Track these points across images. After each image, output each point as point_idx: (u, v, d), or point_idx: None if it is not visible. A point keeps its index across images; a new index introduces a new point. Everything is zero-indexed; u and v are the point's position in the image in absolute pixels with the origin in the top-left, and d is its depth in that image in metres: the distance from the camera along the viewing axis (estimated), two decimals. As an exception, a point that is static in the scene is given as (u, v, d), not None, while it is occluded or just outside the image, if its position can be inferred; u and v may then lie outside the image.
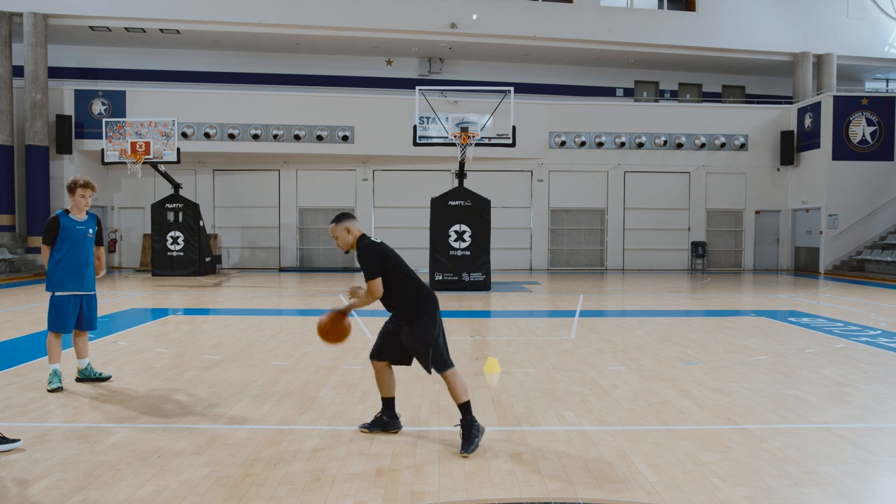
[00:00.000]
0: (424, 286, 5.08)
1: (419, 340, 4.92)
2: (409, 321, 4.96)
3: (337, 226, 5.08)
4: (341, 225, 5.07)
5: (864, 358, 8.14)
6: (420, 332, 4.92)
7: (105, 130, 20.38)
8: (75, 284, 6.52)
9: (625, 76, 27.57)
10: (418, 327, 4.93)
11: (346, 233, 5.06)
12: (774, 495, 4.01)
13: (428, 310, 4.98)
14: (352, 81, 26.17)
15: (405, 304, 4.98)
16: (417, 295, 5.00)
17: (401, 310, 5.01)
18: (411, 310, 4.97)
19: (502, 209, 23.82)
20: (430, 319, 4.96)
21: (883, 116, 23.09)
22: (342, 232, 5.06)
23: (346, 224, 5.08)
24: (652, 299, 15.02)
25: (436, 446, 4.86)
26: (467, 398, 4.88)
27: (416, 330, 4.93)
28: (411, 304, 4.97)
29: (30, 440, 4.91)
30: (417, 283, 5.05)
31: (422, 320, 4.93)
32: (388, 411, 5.20)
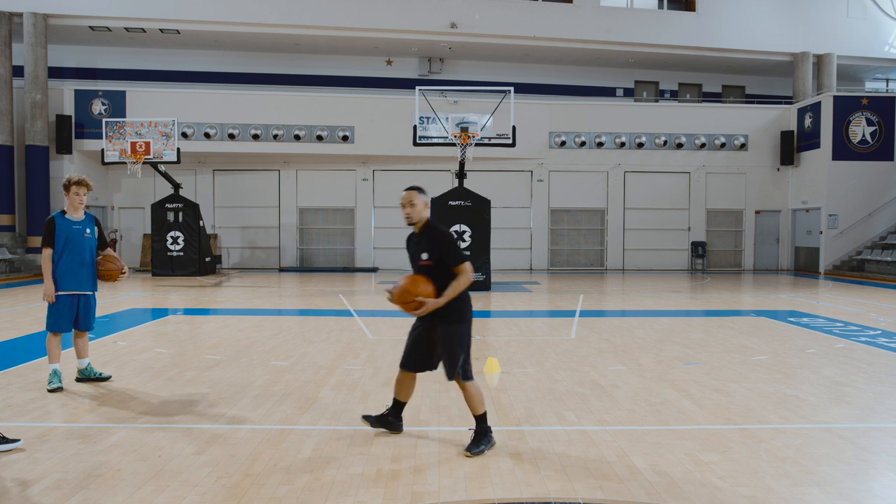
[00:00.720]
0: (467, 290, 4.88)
1: (455, 344, 4.73)
2: (446, 322, 4.75)
3: (419, 195, 4.82)
4: (423, 197, 4.83)
5: (864, 358, 8.14)
6: (459, 336, 4.75)
7: (105, 130, 20.37)
8: (73, 284, 6.51)
9: (625, 76, 27.57)
10: (457, 330, 4.75)
11: (423, 206, 4.83)
12: (774, 495, 4.01)
13: (468, 314, 4.83)
14: (352, 81, 26.17)
15: (457, 304, 4.76)
16: (466, 296, 4.83)
17: (448, 306, 4.73)
18: (454, 310, 4.75)
19: (502, 209, 23.81)
20: (468, 325, 4.82)
21: (883, 116, 23.09)
22: (422, 204, 4.82)
23: (425, 198, 4.85)
24: (652, 299, 15.02)
25: (436, 446, 4.86)
26: (484, 410, 4.80)
27: (454, 332, 4.74)
28: (456, 304, 4.76)
29: (30, 440, 4.91)
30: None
31: (462, 325, 4.77)
32: (396, 413, 5.13)
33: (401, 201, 4.88)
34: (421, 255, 4.83)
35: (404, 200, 4.84)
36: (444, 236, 4.79)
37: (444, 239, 4.77)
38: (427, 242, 4.82)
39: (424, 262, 4.80)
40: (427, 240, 4.83)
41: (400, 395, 5.09)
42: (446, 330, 4.77)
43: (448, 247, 4.75)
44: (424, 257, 4.80)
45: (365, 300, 14.77)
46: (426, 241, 4.83)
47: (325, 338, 9.49)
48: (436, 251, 4.77)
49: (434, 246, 4.78)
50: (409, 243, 5.06)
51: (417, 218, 4.85)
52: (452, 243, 4.76)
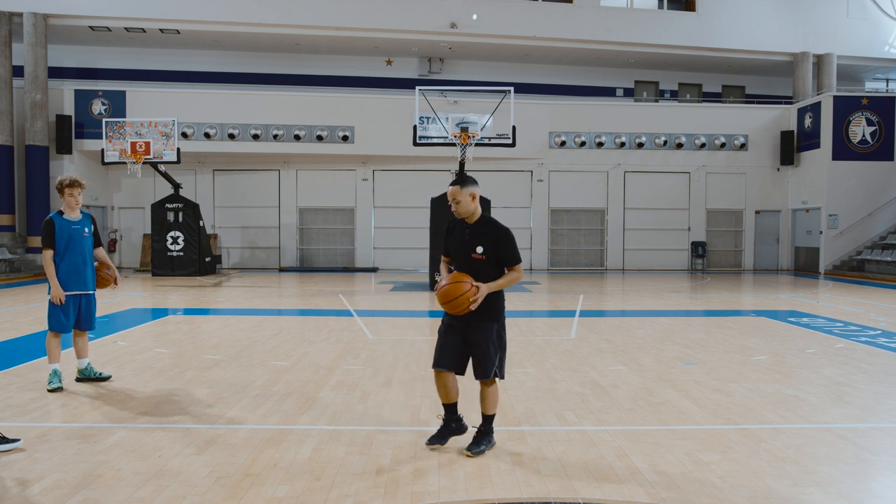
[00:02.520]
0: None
1: (494, 343, 4.61)
2: (487, 321, 4.61)
3: (462, 189, 4.60)
4: (468, 189, 4.60)
5: (864, 358, 8.14)
6: (497, 335, 4.65)
7: (105, 130, 20.37)
8: (74, 284, 6.52)
9: (625, 76, 27.57)
10: (496, 330, 4.63)
11: (471, 199, 4.62)
12: (774, 495, 4.01)
13: (501, 315, 4.72)
14: (352, 81, 26.17)
15: (495, 300, 4.64)
16: (500, 297, 4.70)
17: (487, 304, 4.58)
18: (494, 309, 4.65)
19: (502, 209, 23.79)
20: (501, 325, 4.71)
21: (883, 116, 23.09)
22: (467, 197, 4.60)
23: (472, 189, 4.62)
24: (652, 299, 15.02)
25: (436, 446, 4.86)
26: (494, 412, 4.78)
27: (493, 332, 4.63)
28: (498, 302, 4.66)
29: (30, 440, 4.91)
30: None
31: (497, 324, 4.67)
32: (453, 416, 4.85)
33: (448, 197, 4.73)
34: (475, 247, 4.61)
35: (449, 197, 4.69)
36: (504, 234, 4.63)
37: (505, 237, 4.62)
38: (483, 236, 4.63)
39: (478, 255, 4.60)
40: (483, 234, 4.63)
41: (446, 399, 4.80)
42: (485, 328, 4.61)
43: (507, 246, 4.60)
44: (479, 251, 4.59)
45: (365, 300, 14.77)
46: (482, 235, 4.63)
47: (325, 338, 9.49)
48: (492, 247, 4.60)
49: (491, 241, 4.60)
50: (454, 231, 4.82)
51: (466, 212, 4.68)
52: (512, 243, 4.63)
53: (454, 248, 4.79)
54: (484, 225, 4.67)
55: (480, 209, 4.74)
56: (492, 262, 4.62)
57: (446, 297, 4.52)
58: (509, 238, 4.63)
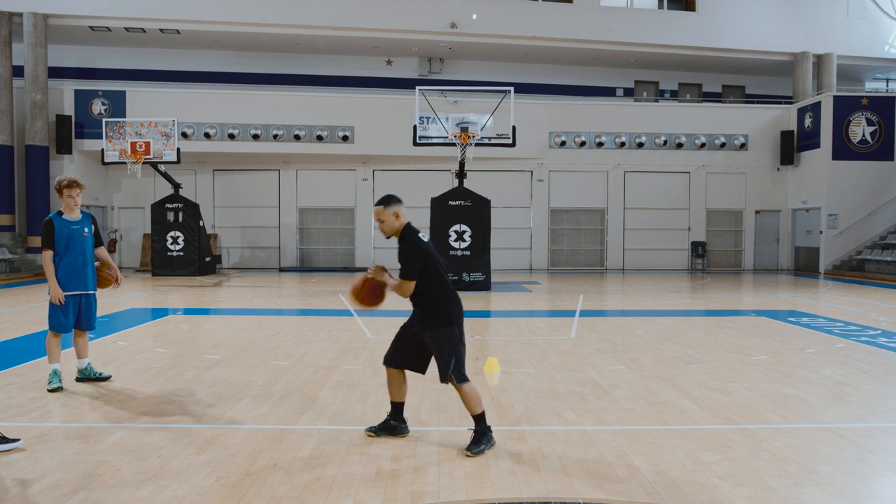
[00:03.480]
0: (455, 292, 4.89)
1: (443, 347, 4.76)
2: (433, 326, 4.78)
3: (386, 209, 4.78)
4: (391, 209, 4.78)
5: (864, 358, 8.14)
6: (446, 339, 4.76)
7: (105, 130, 20.37)
8: (75, 284, 6.52)
9: (625, 76, 27.57)
10: (444, 334, 4.77)
11: (394, 218, 4.78)
12: (774, 495, 4.01)
13: (454, 317, 4.83)
14: (351, 81, 26.17)
15: (435, 308, 4.80)
16: (449, 300, 4.83)
17: (428, 312, 4.81)
18: (439, 315, 4.79)
19: (502, 209, 23.81)
20: (456, 328, 4.82)
21: (883, 116, 23.09)
22: (390, 216, 4.78)
23: (396, 208, 4.80)
24: (652, 299, 15.02)
25: (436, 446, 4.86)
26: (482, 409, 4.80)
27: (442, 337, 4.77)
28: (441, 308, 4.80)
29: (30, 440, 4.91)
30: (450, 287, 4.86)
31: (448, 328, 4.77)
32: (397, 416, 5.08)
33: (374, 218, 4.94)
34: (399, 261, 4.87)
35: (374, 218, 4.91)
36: (406, 249, 4.76)
37: (405, 251, 4.76)
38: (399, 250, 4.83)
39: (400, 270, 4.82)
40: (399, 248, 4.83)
41: (394, 397, 5.06)
42: (434, 335, 4.78)
43: (404, 258, 4.74)
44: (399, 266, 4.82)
45: (365, 300, 14.74)
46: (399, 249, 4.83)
47: (325, 338, 9.49)
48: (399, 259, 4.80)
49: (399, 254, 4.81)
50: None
51: (392, 230, 4.85)
52: (409, 257, 4.72)
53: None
54: (400, 240, 4.85)
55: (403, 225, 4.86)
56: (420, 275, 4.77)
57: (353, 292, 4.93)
58: (407, 252, 4.73)
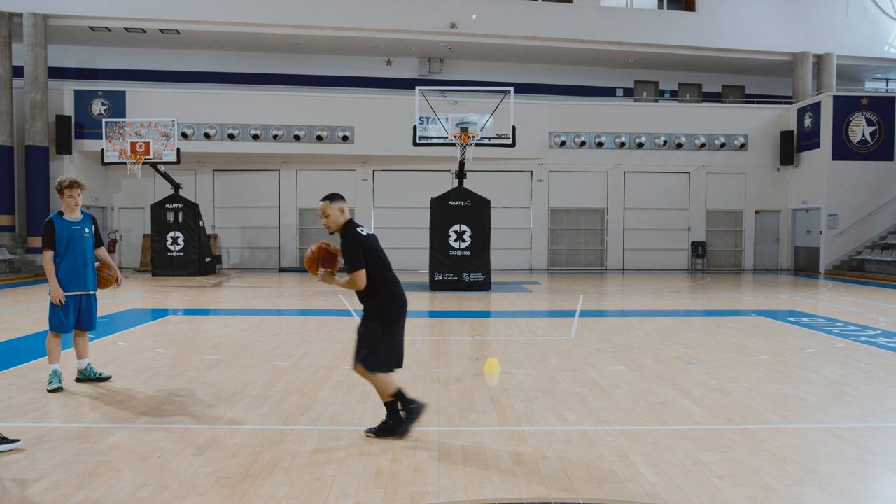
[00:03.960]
0: (394, 290, 5.05)
1: (361, 336, 5.01)
2: (363, 319, 5.05)
3: (332, 203, 5.02)
4: (336, 204, 5.03)
5: (864, 358, 8.14)
6: (367, 331, 4.99)
7: (105, 131, 20.37)
8: (76, 285, 6.52)
9: (625, 76, 27.57)
10: (367, 326, 5.00)
11: (339, 213, 5.03)
12: (774, 495, 4.01)
13: (384, 314, 5.00)
14: (351, 81, 26.17)
15: (368, 302, 5.03)
16: (383, 296, 5.01)
17: (363, 303, 5.07)
18: (370, 307, 5.02)
19: (502, 209, 23.82)
20: (382, 323, 4.99)
21: (883, 116, 23.09)
22: (336, 211, 5.02)
23: (341, 204, 5.06)
24: (652, 299, 15.02)
25: (436, 446, 4.86)
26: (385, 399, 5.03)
27: (364, 327, 5.01)
28: (373, 302, 5.01)
29: (30, 440, 4.91)
30: (389, 283, 5.02)
31: (373, 322, 4.98)
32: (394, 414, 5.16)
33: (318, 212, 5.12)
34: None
35: (319, 212, 5.08)
36: (347, 243, 4.94)
37: (346, 245, 4.94)
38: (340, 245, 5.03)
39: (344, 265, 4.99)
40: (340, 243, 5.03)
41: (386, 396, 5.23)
42: (361, 324, 5.06)
43: (346, 252, 4.93)
44: (341, 260, 5.02)
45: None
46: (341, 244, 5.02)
47: (325, 338, 9.49)
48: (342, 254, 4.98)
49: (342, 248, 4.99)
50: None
51: (335, 225, 5.04)
52: (351, 250, 4.90)
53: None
54: (341, 235, 5.03)
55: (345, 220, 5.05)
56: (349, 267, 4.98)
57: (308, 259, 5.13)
58: (348, 245, 4.93)
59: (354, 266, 4.90)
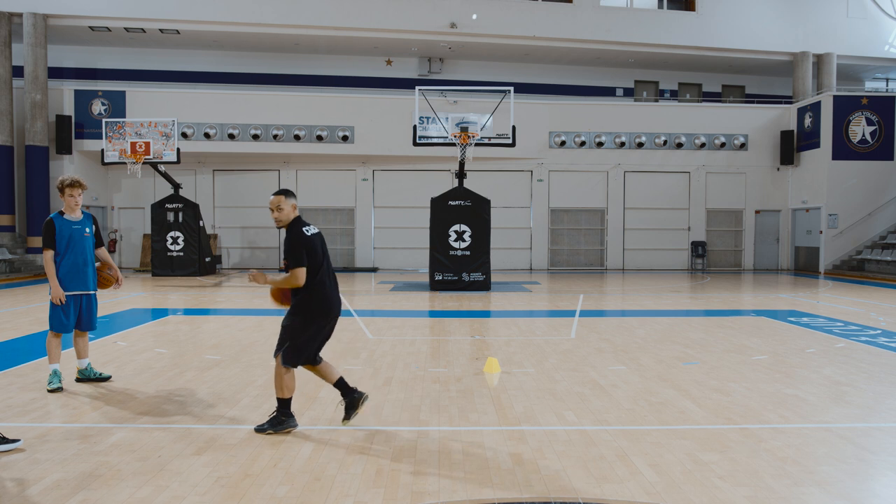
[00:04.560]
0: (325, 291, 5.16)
1: (285, 329, 5.14)
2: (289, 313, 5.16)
3: (286, 199, 5.11)
4: (290, 200, 5.14)
5: (864, 358, 8.14)
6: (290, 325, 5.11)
7: (105, 130, 20.37)
8: (76, 284, 6.52)
9: (625, 76, 27.57)
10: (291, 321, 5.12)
11: (291, 209, 5.14)
12: (774, 495, 4.01)
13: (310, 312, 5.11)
14: (351, 81, 26.17)
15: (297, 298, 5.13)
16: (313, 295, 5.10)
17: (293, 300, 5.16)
18: (297, 303, 5.12)
19: (502, 209, 23.82)
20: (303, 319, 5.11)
21: (883, 116, 23.09)
22: (289, 207, 5.12)
23: (294, 201, 5.18)
24: (652, 299, 15.02)
25: (436, 446, 4.86)
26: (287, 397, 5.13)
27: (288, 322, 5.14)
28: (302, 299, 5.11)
29: (30, 440, 4.91)
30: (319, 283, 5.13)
31: (296, 317, 5.11)
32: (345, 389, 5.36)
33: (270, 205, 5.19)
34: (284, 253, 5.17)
35: (272, 205, 5.15)
36: (292, 240, 5.03)
37: (290, 242, 5.03)
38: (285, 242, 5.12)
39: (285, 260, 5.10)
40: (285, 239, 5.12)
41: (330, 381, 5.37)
42: (286, 317, 5.19)
43: (287, 247, 5.02)
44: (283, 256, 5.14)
45: (365, 300, 14.76)
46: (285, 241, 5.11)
47: (325, 338, 9.48)
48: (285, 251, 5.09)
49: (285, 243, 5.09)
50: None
51: (286, 220, 5.15)
52: (292, 245, 5.00)
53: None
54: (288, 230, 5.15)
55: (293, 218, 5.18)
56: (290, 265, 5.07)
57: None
58: (292, 243, 5.03)
59: (295, 263, 4.99)
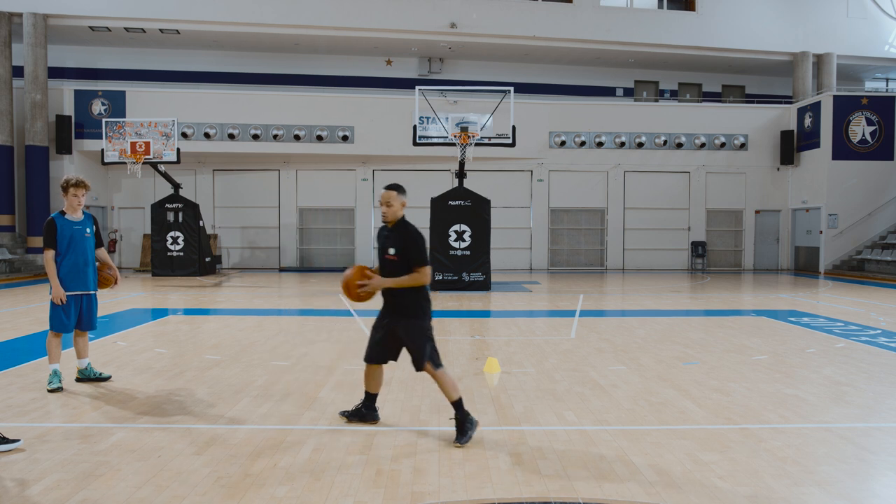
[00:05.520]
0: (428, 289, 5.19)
1: (419, 336, 5.01)
2: (407, 317, 5.04)
3: (398, 195, 5.05)
4: (402, 197, 5.06)
5: (864, 358, 8.14)
6: (421, 330, 5.02)
7: (105, 130, 20.37)
8: (76, 284, 6.52)
9: (625, 76, 27.57)
10: (418, 326, 5.02)
11: (401, 206, 5.06)
12: (774, 495, 4.01)
13: (427, 310, 5.09)
14: (352, 81, 26.17)
15: (410, 300, 5.03)
16: (423, 293, 5.08)
17: (403, 303, 5.04)
18: (413, 307, 5.04)
19: (502, 209, 23.81)
20: (429, 320, 5.08)
21: (883, 116, 23.09)
22: (399, 203, 5.04)
23: (404, 198, 5.09)
24: (652, 299, 15.02)
25: (436, 446, 4.86)
26: (458, 395, 4.99)
27: (415, 326, 5.02)
28: (417, 301, 5.04)
29: (30, 440, 4.91)
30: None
31: (422, 320, 5.03)
32: (370, 405, 5.40)
33: (379, 200, 5.11)
34: (388, 249, 5.03)
35: (382, 200, 5.08)
36: (412, 236, 4.99)
37: (414, 239, 4.98)
38: (396, 239, 5.02)
39: (390, 256, 5.02)
40: (396, 237, 5.03)
41: (370, 388, 5.38)
42: (408, 325, 5.03)
43: (414, 246, 4.96)
44: (391, 252, 5.02)
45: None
46: (395, 238, 5.04)
47: (325, 338, 9.49)
48: (403, 249, 4.98)
49: (402, 243, 4.98)
50: (380, 236, 5.26)
51: (392, 217, 5.09)
52: (419, 245, 4.97)
53: (378, 250, 5.26)
54: (399, 229, 5.08)
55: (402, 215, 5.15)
56: (403, 262, 5.00)
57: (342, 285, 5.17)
58: (417, 241, 4.98)
59: (423, 261, 4.93)
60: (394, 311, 5.09)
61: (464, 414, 4.96)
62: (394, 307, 5.09)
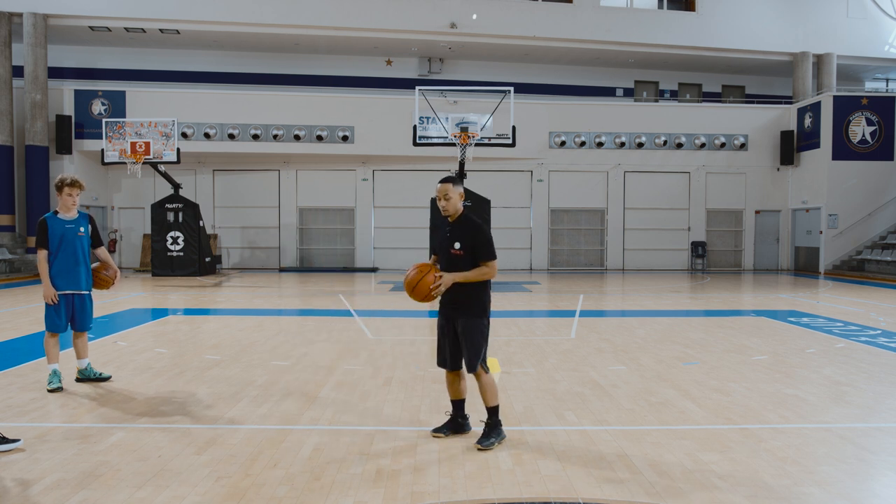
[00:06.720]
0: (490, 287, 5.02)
1: (478, 336, 4.86)
2: (468, 316, 4.86)
3: (454, 187, 4.86)
4: (458, 188, 4.87)
5: (864, 358, 8.14)
6: (479, 329, 4.87)
7: (105, 130, 20.37)
8: (67, 283, 6.50)
9: (625, 76, 27.57)
10: (478, 325, 4.87)
11: (459, 198, 4.88)
12: (774, 495, 4.01)
13: (488, 307, 4.97)
14: (351, 81, 26.17)
15: (476, 297, 4.88)
16: (486, 289, 4.93)
17: (465, 300, 4.86)
18: (478, 304, 4.89)
19: (502, 209, 23.81)
20: (488, 317, 4.97)
21: (883, 116, 23.09)
22: (457, 195, 4.86)
23: (461, 189, 4.90)
24: (652, 299, 15.02)
25: (436, 446, 4.86)
26: (497, 402, 4.91)
27: (476, 325, 4.86)
28: (482, 298, 4.91)
29: (30, 440, 4.91)
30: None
31: (483, 319, 4.90)
32: (459, 412, 5.13)
33: (437, 194, 4.94)
34: (454, 244, 4.86)
35: (440, 194, 4.90)
36: (480, 230, 4.85)
37: (481, 232, 4.83)
38: (461, 233, 4.86)
39: (456, 251, 4.84)
40: (461, 231, 4.87)
41: (451, 395, 5.13)
42: (468, 323, 4.85)
43: (483, 240, 4.81)
44: (457, 247, 4.84)
45: (365, 300, 14.77)
46: (460, 232, 4.87)
47: (325, 338, 9.49)
48: (469, 243, 4.82)
49: (468, 238, 4.82)
50: (441, 230, 5.08)
51: (453, 210, 4.91)
52: (488, 238, 4.83)
53: (438, 245, 5.07)
54: (463, 222, 4.91)
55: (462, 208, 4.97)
56: (469, 257, 4.83)
57: (410, 286, 4.89)
58: (484, 234, 4.84)
59: (491, 255, 4.79)
60: (454, 307, 4.90)
61: (497, 422, 4.88)
62: (454, 304, 4.89)
